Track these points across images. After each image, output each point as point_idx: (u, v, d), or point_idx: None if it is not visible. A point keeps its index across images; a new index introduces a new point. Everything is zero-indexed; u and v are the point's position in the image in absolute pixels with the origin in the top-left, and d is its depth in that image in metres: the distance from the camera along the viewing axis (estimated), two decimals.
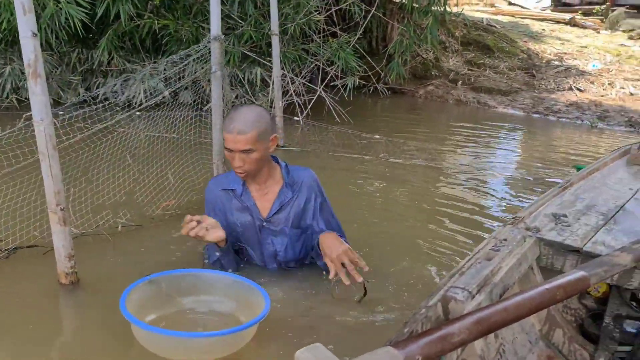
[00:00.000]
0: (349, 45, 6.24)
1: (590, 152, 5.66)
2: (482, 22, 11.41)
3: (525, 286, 1.35)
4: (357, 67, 6.19)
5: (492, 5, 14.55)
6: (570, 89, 9.15)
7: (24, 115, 2.16)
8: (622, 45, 11.23)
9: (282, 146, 4.90)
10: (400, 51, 6.91)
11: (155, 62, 3.09)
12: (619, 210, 2.04)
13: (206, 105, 3.50)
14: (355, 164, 4.45)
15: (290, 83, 6.12)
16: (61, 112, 2.37)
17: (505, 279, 1.48)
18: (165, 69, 3.12)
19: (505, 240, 1.66)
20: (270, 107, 5.88)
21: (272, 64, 5.80)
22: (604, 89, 9.04)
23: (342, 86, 6.27)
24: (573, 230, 1.82)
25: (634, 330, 1.70)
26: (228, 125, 1.98)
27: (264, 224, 2.16)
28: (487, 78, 9.38)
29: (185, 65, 3.21)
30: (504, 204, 3.80)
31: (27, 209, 2.56)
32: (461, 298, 1.30)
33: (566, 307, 1.85)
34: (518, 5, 14.75)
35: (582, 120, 8.06)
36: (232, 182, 2.18)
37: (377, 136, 4.99)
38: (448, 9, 7.55)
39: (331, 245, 2.00)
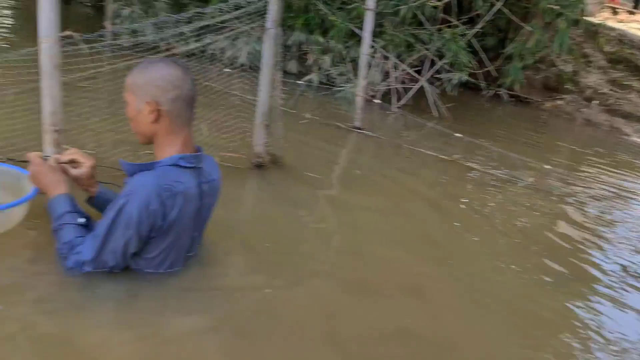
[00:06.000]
0: (464, 38, 5.76)
1: None
2: None
3: None
4: (466, 62, 5.69)
5: None
6: None
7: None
8: None
9: (359, 128, 4.66)
10: (521, 54, 6.23)
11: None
12: None
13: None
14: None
15: (394, 68, 5.83)
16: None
17: None
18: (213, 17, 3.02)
19: None
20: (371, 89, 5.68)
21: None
22: None
23: (448, 81, 5.84)
24: None
25: None
26: None
27: None
28: (630, 102, 8.28)
29: (237, 17, 3.10)
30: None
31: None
32: None
33: None
34: None
35: None
36: None
37: (457, 134, 4.55)
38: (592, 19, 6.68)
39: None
